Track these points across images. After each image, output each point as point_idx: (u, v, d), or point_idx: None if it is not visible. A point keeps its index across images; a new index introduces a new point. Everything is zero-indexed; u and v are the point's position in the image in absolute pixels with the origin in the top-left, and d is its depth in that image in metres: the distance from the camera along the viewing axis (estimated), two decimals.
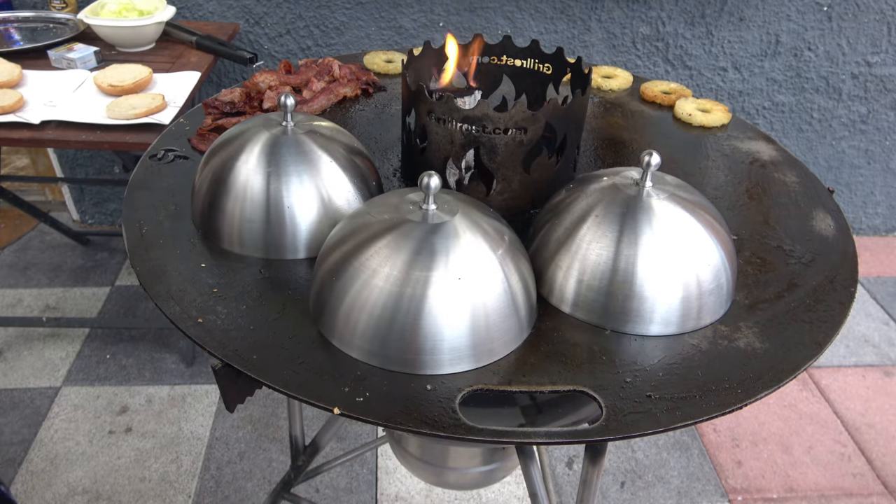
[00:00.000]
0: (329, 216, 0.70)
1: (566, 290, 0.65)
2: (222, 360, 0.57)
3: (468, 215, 0.61)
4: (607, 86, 1.16)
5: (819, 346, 0.63)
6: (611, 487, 1.56)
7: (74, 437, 1.61)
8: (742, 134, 1.04)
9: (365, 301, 0.57)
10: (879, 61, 2.10)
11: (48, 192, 2.36)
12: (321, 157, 0.71)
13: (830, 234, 0.80)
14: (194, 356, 1.83)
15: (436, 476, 1.05)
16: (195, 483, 1.52)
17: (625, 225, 0.63)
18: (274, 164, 0.69)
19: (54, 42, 1.53)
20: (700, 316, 0.64)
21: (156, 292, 0.64)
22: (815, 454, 1.67)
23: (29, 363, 1.80)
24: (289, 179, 0.69)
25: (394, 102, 1.06)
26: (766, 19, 1.99)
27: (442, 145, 0.76)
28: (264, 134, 0.71)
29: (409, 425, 0.53)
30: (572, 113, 0.76)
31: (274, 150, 0.70)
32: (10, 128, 1.25)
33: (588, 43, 2.02)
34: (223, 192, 0.70)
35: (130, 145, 1.24)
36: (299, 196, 0.69)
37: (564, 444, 0.55)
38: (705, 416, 0.55)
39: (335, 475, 1.55)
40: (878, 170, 2.35)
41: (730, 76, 2.10)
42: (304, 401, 0.54)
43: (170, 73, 1.46)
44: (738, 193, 0.88)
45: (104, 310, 1.99)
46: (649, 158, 0.63)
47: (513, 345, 0.61)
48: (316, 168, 0.70)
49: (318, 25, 1.93)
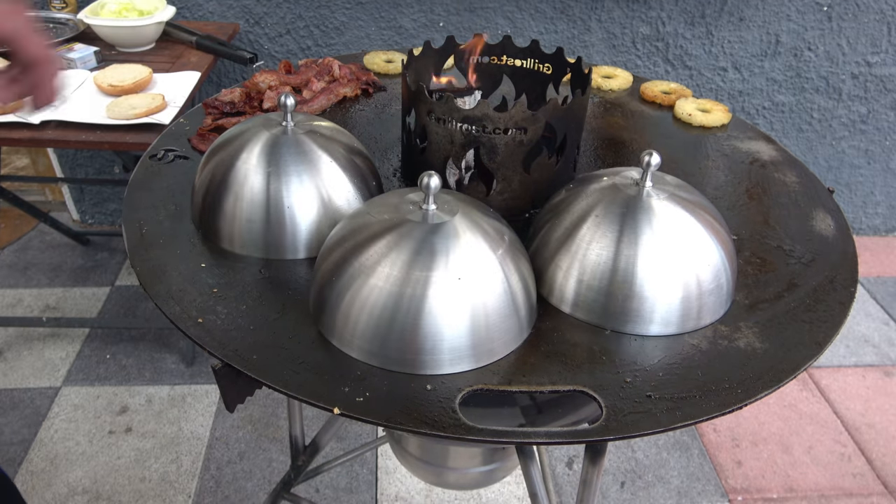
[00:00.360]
0: (329, 216, 0.70)
1: (566, 290, 0.65)
2: (222, 360, 0.57)
3: (468, 215, 0.61)
4: (607, 86, 1.16)
5: (819, 346, 0.63)
6: (611, 487, 1.56)
7: (74, 437, 1.61)
8: (742, 134, 1.04)
9: (365, 301, 0.57)
10: (879, 61, 2.10)
11: (48, 192, 2.36)
12: (321, 157, 0.71)
13: (830, 234, 0.80)
14: (194, 356, 1.83)
15: (436, 476, 1.05)
16: (195, 483, 1.52)
17: (625, 225, 0.63)
18: (274, 164, 0.69)
19: (54, 42, 1.53)
20: (700, 316, 0.64)
21: (156, 292, 0.64)
22: (815, 454, 1.66)
23: (29, 363, 1.80)
24: (289, 179, 0.69)
25: (394, 102, 1.06)
26: (766, 19, 1.99)
27: (442, 145, 0.76)
28: (264, 134, 0.71)
29: (409, 425, 0.53)
30: (572, 113, 0.76)
31: (274, 150, 0.70)
32: (10, 128, 1.25)
33: (588, 43, 2.02)
34: (223, 192, 0.70)
35: (130, 145, 1.24)
36: (299, 196, 0.69)
37: (564, 444, 0.55)
38: (705, 416, 0.55)
39: (335, 475, 1.55)
40: (878, 170, 2.35)
41: (730, 76, 2.10)
42: (304, 401, 0.54)
43: (170, 73, 1.45)
44: (738, 193, 0.88)
45: (104, 310, 1.99)
46: (649, 158, 0.63)
47: (513, 345, 0.61)
48: (316, 168, 0.70)
49: (318, 25, 1.93)
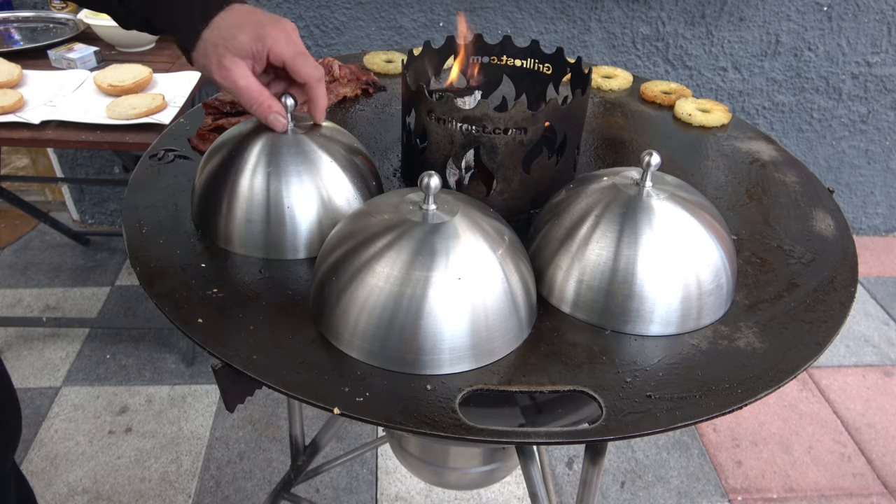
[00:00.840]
0: (329, 216, 0.70)
1: (566, 290, 0.65)
2: (222, 360, 0.57)
3: (468, 215, 0.61)
4: (607, 86, 1.16)
5: (819, 346, 0.63)
6: (611, 487, 1.56)
7: (74, 437, 1.61)
8: (742, 134, 1.04)
9: (365, 301, 0.57)
10: (879, 61, 2.10)
11: (48, 192, 2.36)
12: (321, 156, 0.71)
13: (830, 234, 0.80)
14: (194, 356, 1.83)
15: (436, 476, 1.05)
16: (195, 483, 1.52)
17: (625, 225, 0.63)
18: (274, 163, 0.69)
19: (54, 42, 1.53)
20: (700, 316, 0.64)
21: (156, 292, 0.64)
22: (815, 454, 1.67)
23: (29, 363, 1.80)
24: (289, 179, 0.69)
25: (394, 102, 1.06)
26: (766, 19, 1.99)
27: (442, 145, 0.76)
28: (264, 134, 0.71)
29: (409, 425, 0.52)
30: (572, 113, 0.76)
31: (274, 149, 0.70)
32: (10, 128, 1.25)
33: (588, 43, 2.02)
34: (223, 192, 0.70)
35: (130, 145, 1.24)
36: (299, 196, 0.69)
37: (564, 444, 0.55)
38: (705, 416, 0.55)
39: (335, 475, 1.55)
40: (878, 170, 2.35)
41: (730, 76, 2.10)
42: (304, 401, 0.54)
43: (170, 73, 1.46)
44: (738, 193, 0.88)
45: (104, 310, 1.99)
46: (649, 158, 0.63)
47: (513, 345, 0.61)
48: (316, 168, 0.70)
49: (318, 25, 1.93)
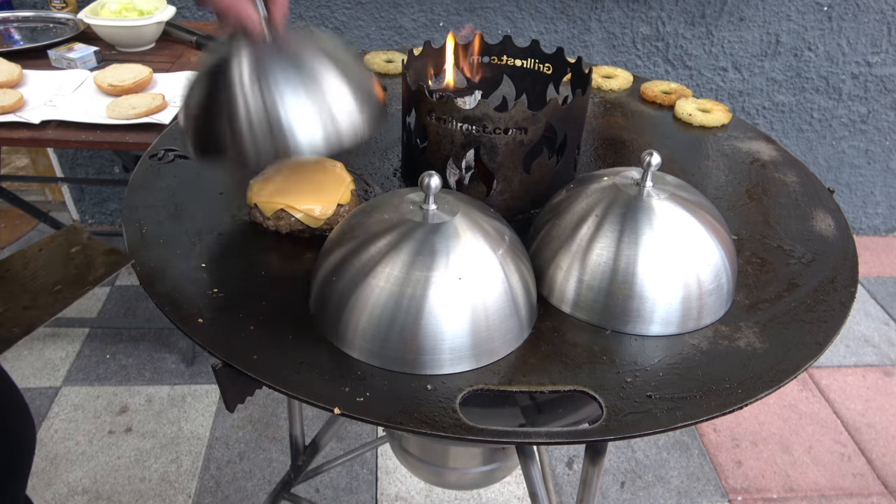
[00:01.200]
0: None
1: (566, 290, 0.65)
2: (222, 360, 0.57)
3: (468, 215, 0.61)
4: (607, 86, 1.16)
5: (819, 346, 0.63)
6: (611, 487, 1.56)
7: (74, 437, 1.61)
8: (742, 134, 1.04)
9: (365, 301, 0.57)
10: (879, 61, 2.10)
11: (48, 192, 2.36)
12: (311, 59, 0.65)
13: (830, 234, 0.80)
14: (194, 356, 1.83)
15: (436, 476, 1.05)
16: (195, 483, 1.52)
17: (625, 225, 0.63)
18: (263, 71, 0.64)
19: (54, 42, 1.53)
20: (700, 316, 0.64)
21: (156, 292, 0.64)
22: (815, 454, 1.66)
23: (29, 363, 1.80)
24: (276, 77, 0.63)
25: (394, 102, 1.06)
26: (766, 19, 1.99)
27: (442, 145, 0.76)
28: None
29: (410, 425, 0.52)
30: (572, 113, 0.76)
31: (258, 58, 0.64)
32: (10, 128, 1.25)
33: (588, 43, 2.01)
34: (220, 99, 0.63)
35: (130, 145, 1.24)
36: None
37: (564, 444, 0.55)
38: (705, 416, 0.55)
39: (335, 475, 1.55)
40: (878, 170, 2.35)
41: (730, 76, 2.10)
42: (304, 401, 0.54)
43: (170, 73, 1.45)
44: (738, 193, 0.88)
45: (104, 310, 1.99)
46: (650, 158, 0.63)
47: (513, 345, 0.61)
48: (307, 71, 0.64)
49: (318, 25, 1.93)
